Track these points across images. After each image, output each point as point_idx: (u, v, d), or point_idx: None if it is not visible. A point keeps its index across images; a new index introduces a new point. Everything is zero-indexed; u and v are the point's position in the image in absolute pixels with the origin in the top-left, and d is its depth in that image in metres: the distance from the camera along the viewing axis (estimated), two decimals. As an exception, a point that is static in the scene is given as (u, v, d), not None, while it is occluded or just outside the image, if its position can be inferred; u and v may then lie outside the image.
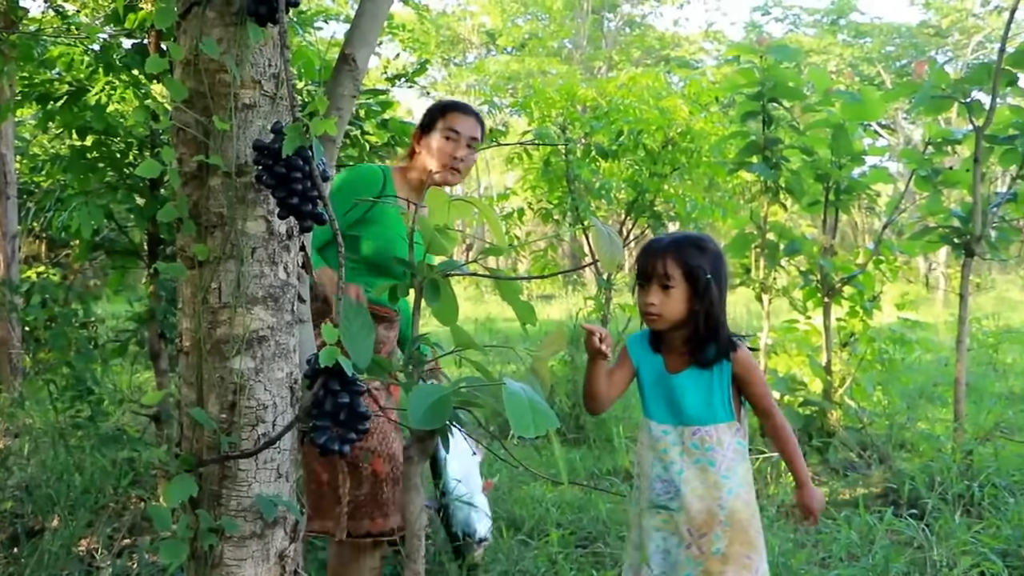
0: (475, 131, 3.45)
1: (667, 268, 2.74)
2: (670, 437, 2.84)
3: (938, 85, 5.12)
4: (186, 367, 2.15)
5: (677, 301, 2.74)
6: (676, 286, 2.74)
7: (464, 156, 3.40)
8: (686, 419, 2.81)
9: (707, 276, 2.72)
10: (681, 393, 2.82)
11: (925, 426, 6.14)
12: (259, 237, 2.08)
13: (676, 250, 2.76)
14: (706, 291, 2.72)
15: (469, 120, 3.45)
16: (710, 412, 2.80)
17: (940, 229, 5.55)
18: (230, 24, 2.04)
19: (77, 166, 4.57)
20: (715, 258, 2.78)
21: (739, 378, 2.82)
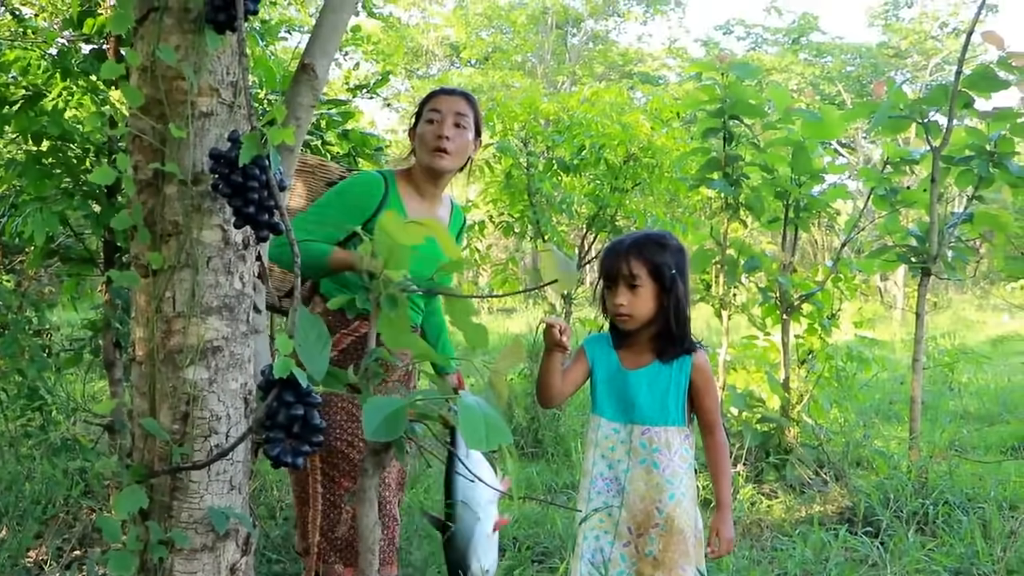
0: (460, 106, 3.20)
1: (632, 267, 2.76)
2: (619, 435, 2.84)
3: (896, 105, 5.18)
4: (139, 376, 2.12)
5: (645, 299, 2.77)
6: (643, 284, 2.76)
7: (451, 134, 3.15)
8: (637, 417, 2.82)
9: (672, 272, 2.75)
10: (636, 390, 2.82)
11: (881, 444, 6.19)
12: (215, 246, 2.06)
13: (639, 249, 2.78)
14: (672, 286, 2.76)
15: (451, 98, 3.22)
16: (662, 413, 2.80)
17: (898, 248, 5.60)
18: (188, 31, 2.02)
19: (32, 172, 4.51)
20: (677, 253, 2.81)
21: (695, 385, 2.83)
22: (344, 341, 3.12)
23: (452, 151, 3.15)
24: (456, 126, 3.16)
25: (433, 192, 3.26)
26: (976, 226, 5.46)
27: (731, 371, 6.21)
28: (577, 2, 29.46)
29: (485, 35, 29.32)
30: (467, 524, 2.97)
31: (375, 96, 5.96)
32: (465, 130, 3.18)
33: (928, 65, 27.02)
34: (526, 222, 7.64)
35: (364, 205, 3.11)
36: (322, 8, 2.33)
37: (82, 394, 6.54)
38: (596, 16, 30.44)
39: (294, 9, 11.74)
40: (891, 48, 28.28)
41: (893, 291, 20.79)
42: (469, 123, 3.20)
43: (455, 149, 3.16)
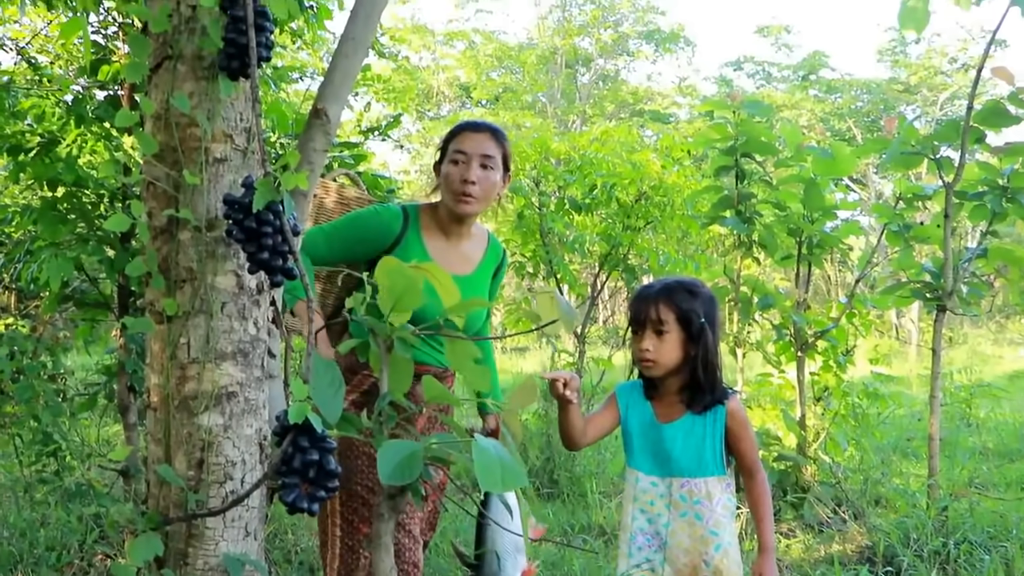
0: (486, 147, 3.06)
1: (660, 313, 2.71)
2: (658, 489, 2.78)
3: (908, 141, 5.17)
4: (154, 423, 2.12)
5: (672, 346, 2.72)
6: (670, 331, 2.71)
7: (477, 178, 3.02)
8: (675, 470, 2.76)
9: (701, 320, 2.70)
10: (671, 443, 2.76)
11: (900, 482, 6.13)
12: (229, 292, 2.06)
13: (668, 295, 2.73)
14: (700, 335, 2.70)
15: (477, 136, 3.08)
16: (700, 465, 2.74)
17: (912, 284, 5.58)
18: (201, 78, 2.04)
19: (47, 217, 4.53)
20: (708, 302, 2.75)
21: (731, 432, 2.78)
22: (366, 383, 3.09)
23: (478, 195, 3.05)
24: (483, 167, 3.05)
25: (458, 231, 3.16)
26: (991, 261, 5.44)
27: (747, 409, 6.18)
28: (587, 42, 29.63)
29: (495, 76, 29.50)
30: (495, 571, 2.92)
31: (387, 138, 5.98)
32: (492, 171, 3.07)
33: (938, 100, 27.05)
34: (539, 261, 7.65)
35: (377, 238, 3.06)
36: (334, 53, 2.34)
37: (96, 439, 6.53)
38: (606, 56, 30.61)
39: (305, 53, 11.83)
40: (901, 84, 28.34)
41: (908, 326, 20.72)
42: (497, 163, 3.09)
43: (481, 193, 3.05)
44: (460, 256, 3.18)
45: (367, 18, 2.36)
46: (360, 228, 3.07)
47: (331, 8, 5.58)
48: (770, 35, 31.68)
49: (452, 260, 3.13)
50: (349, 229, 3.07)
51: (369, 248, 3.04)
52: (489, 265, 3.28)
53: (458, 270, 3.12)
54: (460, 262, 3.16)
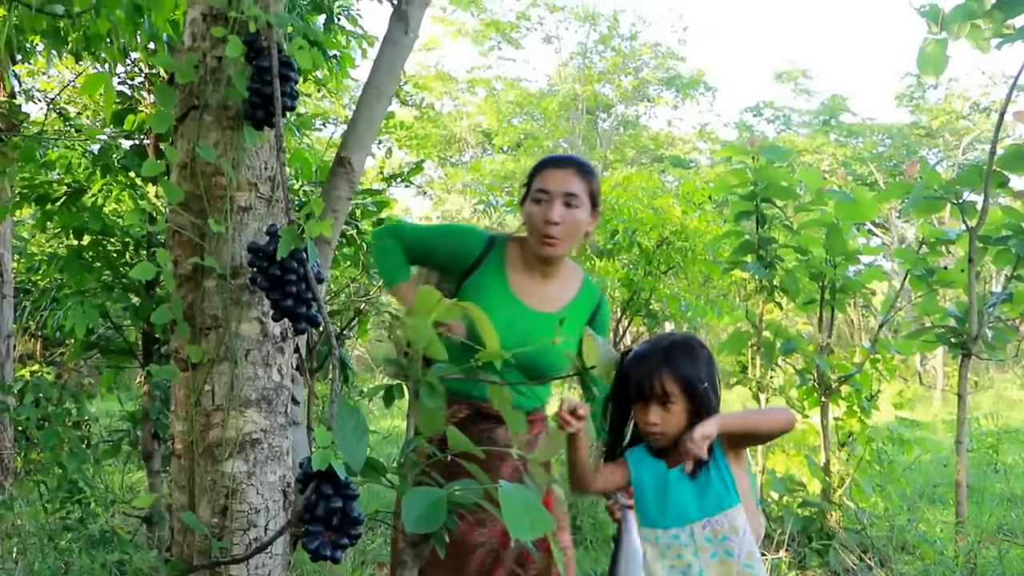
0: (570, 184, 2.89)
1: (665, 385, 2.59)
2: (680, 540, 2.63)
3: (930, 186, 5.17)
4: (178, 470, 2.13)
5: (678, 416, 2.60)
6: (676, 402, 2.59)
7: (560, 217, 2.87)
8: (692, 514, 2.62)
9: (704, 386, 2.59)
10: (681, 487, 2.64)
11: (926, 528, 6.07)
12: (253, 339, 2.08)
13: (670, 364, 2.60)
14: (705, 401, 2.59)
15: (560, 173, 2.92)
16: (715, 500, 2.60)
17: (937, 328, 5.55)
18: (227, 128, 2.06)
19: (73, 266, 4.58)
20: (708, 363, 2.65)
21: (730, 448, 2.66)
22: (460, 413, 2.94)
23: (561, 235, 2.90)
24: (567, 206, 2.88)
25: (544, 269, 3.02)
26: (1016, 305, 5.41)
27: (770, 454, 6.14)
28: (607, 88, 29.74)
29: (516, 122, 29.62)
30: None
31: (409, 184, 6.02)
32: (577, 209, 2.90)
33: (960, 144, 27.00)
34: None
35: (459, 255, 2.98)
36: (358, 102, 2.37)
37: (120, 485, 6.54)
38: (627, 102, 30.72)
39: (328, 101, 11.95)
40: (922, 128, 28.32)
41: (933, 371, 20.57)
42: (581, 200, 2.91)
43: (565, 233, 2.90)
44: (544, 294, 3.03)
45: (390, 67, 2.40)
46: (446, 236, 3.03)
47: (354, 57, 5.65)
48: (788, 80, 31.72)
49: (534, 296, 3.01)
50: (437, 233, 3.05)
51: (451, 261, 2.98)
52: (581, 308, 3.10)
53: (542, 307, 2.99)
54: (543, 299, 3.02)
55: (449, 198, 26.25)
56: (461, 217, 24.60)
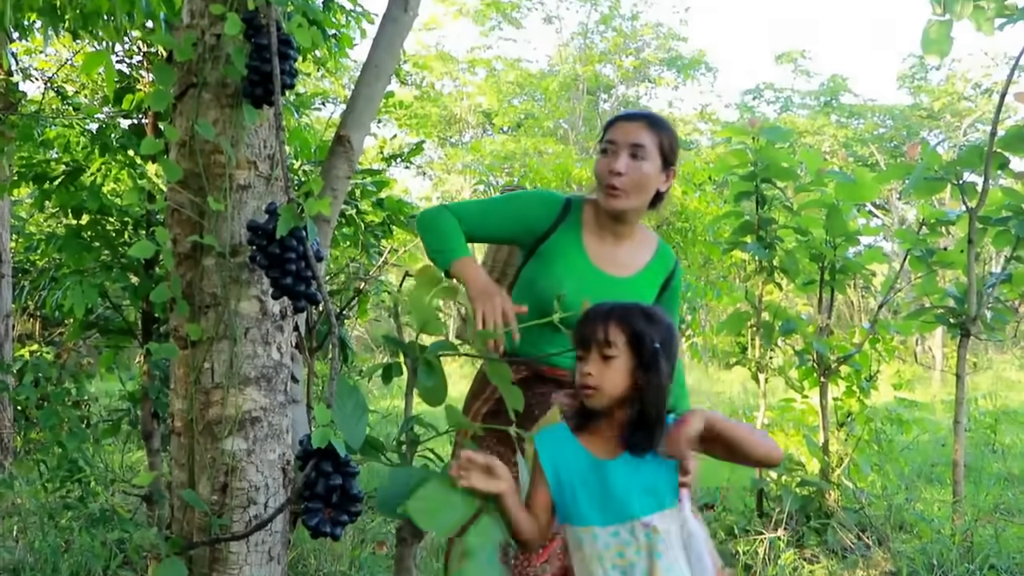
0: (637, 136, 2.76)
1: (608, 333, 2.23)
2: (621, 538, 2.24)
3: (931, 167, 5.16)
4: (178, 448, 2.13)
5: (618, 373, 2.21)
6: (618, 355, 2.22)
7: (625, 168, 2.74)
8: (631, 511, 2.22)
9: (656, 345, 2.22)
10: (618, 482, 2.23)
11: (924, 507, 6.08)
12: (252, 317, 2.08)
13: (621, 315, 2.26)
14: (653, 363, 2.21)
15: (628, 125, 2.81)
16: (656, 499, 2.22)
17: (936, 309, 5.55)
18: (226, 106, 2.06)
19: (72, 245, 4.57)
20: (666, 330, 2.29)
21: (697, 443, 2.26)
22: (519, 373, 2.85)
23: (626, 187, 2.76)
24: (633, 157, 2.75)
25: (617, 230, 2.89)
26: (1015, 286, 5.41)
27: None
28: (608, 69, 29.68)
29: (517, 102, 29.56)
30: None
31: (409, 165, 6.01)
32: (643, 161, 2.76)
33: (961, 126, 26.96)
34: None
35: (533, 222, 2.88)
36: (357, 81, 2.36)
37: (120, 465, 6.56)
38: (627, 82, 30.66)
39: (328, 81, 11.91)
40: (924, 109, 28.26)
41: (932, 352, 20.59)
42: (649, 152, 2.77)
43: (630, 185, 2.76)
44: (618, 258, 2.92)
45: (389, 46, 2.39)
46: (519, 205, 2.93)
47: (353, 36, 5.63)
48: (788, 61, 31.64)
49: (608, 260, 2.90)
50: (508, 205, 2.93)
51: (523, 229, 2.89)
52: (655, 273, 2.97)
53: (615, 271, 2.89)
54: (617, 264, 2.91)
55: (449, 178, 26.22)
56: (461, 197, 24.58)
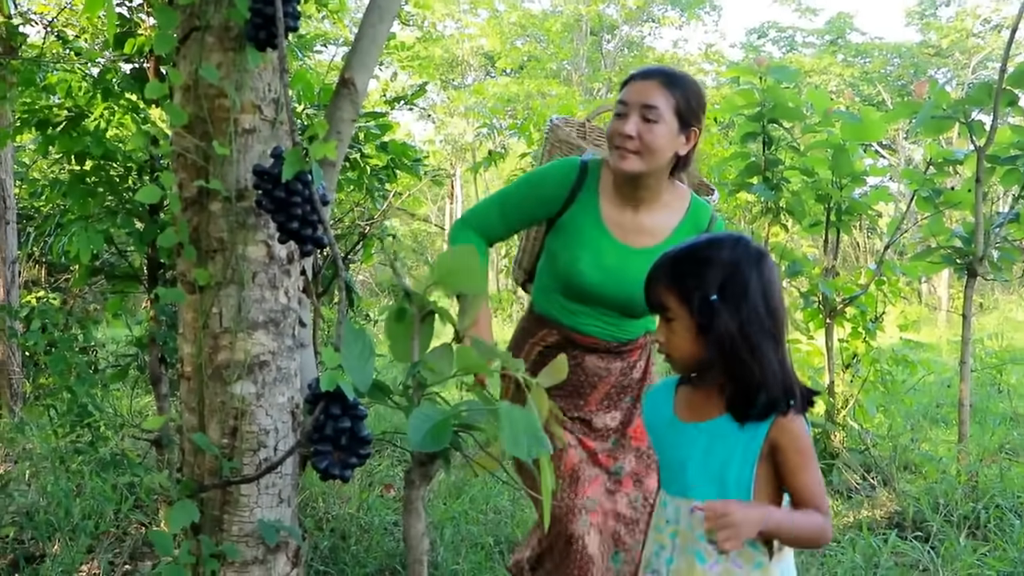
0: (650, 96, 2.59)
1: (660, 297, 2.04)
2: (667, 511, 2.11)
3: (939, 105, 5.12)
4: (187, 392, 2.14)
5: (682, 337, 2.00)
6: (676, 317, 2.01)
7: (637, 130, 2.58)
8: (687, 488, 2.05)
9: (711, 298, 1.95)
10: (688, 449, 2.05)
11: (929, 448, 6.12)
12: (260, 262, 2.07)
13: (668, 272, 2.04)
14: (713, 319, 1.95)
15: (640, 85, 2.64)
16: (719, 486, 2.00)
17: (943, 249, 5.54)
18: (229, 49, 2.04)
19: (76, 191, 4.56)
20: (728, 268, 1.97)
21: (780, 457, 1.99)
22: (533, 351, 2.90)
23: (637, 150, 2.60)
24: (644, 120, 2.59)
25: (636, 195, 2.72)
26: (1022, 226, 5.39)
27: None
28: (612, 9, 29.41)
29: (520, 44, 29.33)
30: None
31: (413, 107, 5.97)
32: (655, 124, 2.59)
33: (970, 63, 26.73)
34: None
35: (549, 201, 2.78)
36: (361, 22, 2.34)
37: (129, 409, 6.60)
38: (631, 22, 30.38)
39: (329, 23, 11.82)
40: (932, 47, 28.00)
41: (938, 292, 20.59)
42: (662, 114, 2.59)
43: (642, 148, 2.59)
44: (640, 226, 2.75)
45: (393, -14, 2.36)
46: (531, 189, 2.81)
47: (356, -22, 5.57)
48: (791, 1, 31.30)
49: (629, 230, 2.74)
50: (522, 192, 2.83)
51: (542, 210, 2.79)
52: (684, 234, 2.72)
53: (637, 242, 2.73)
54: (639, 233, 2.74)
55: (452, 121, 26.09)
56: (464, 141, 24.50)
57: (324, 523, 4.36)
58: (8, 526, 4.09)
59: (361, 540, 4.17)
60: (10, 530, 4.05)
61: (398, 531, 4.27)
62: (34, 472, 4.83)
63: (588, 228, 2.73)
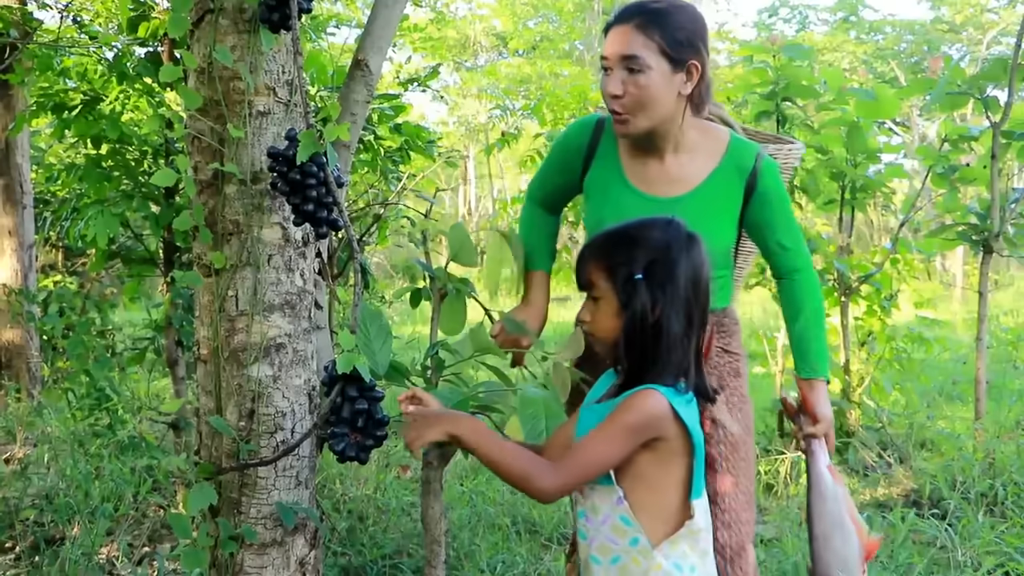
0: (628, 45, 2.31)
1: (588, 272, 1.97)
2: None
3: (954, 81, 5.09)
4: (204, 375, 2.15)
5: (605, 315, 1.93)
6: (603, 295, 1.93)
7: (623, 88, 2.33)
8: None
9: (636, 276, 1.88)
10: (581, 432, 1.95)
11: (945, 425, 6.10)
12: (275, 244, 2.08)
13: (598, 248, 1.98)
14: (632, 296, 1.88)
15: (615, 34, 2.36)
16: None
17: (958, 226, 5.52)
18: (243, 32, 2.05)
19: (92, 175, 4.58)
20: (657, 250, 1.91)
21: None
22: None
23: (630, 108, 2.35)
24: (629, 72, 2.32)
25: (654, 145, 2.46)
26: (1039, 201, 5.37)
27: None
28: (624, -12, 29.32)
29: (532, 24, 29.23)
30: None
31: (426, 89, 5.96)
32: (640, 74, 2.31)
33: (984, 39, 26.54)
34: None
35: (572, 162, 2.60)
36: (374, 5, 2.34)
37: (146, 392, 6.63)
38: (643, 1, 30.26)
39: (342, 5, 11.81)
40: (945, 23, 27.82)
41: (953, 269, 20.51)
42: (647, 61, 2.30)
43: (634, 105, 2.34)
44: (667, 174, 2.48)
45: (406, -33, 2.36)
46: (555, 153, 2.68)
47: (367, -42, 5.56)
48: (803, -22, 31.13)
49: (655, 180, 2.49)
50: (549, 158, 2.70)
51: (573, 172, 2.60)
52: (725, 180, 2.48)
53: (663, 191, 2.47)
54: (667, 182, 2.48)
55: (465, 103, 26.04)
56: (477, 122, 24.47)
57: (341, 505, 4.37)
58: (28, 509, 4.12)
59: (379, 521, 4.19)
60: (30, 513, 4.07)
61: (415, 512, 4.29)
62: (53, 455, 4.85)
63: (612, 185, 2.52)
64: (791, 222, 2.56)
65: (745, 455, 2.51)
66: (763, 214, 2.50)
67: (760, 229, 2.54)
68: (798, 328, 2.54)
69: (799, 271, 2.54)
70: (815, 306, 2.55)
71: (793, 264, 2.53)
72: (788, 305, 2.58)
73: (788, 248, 2.51)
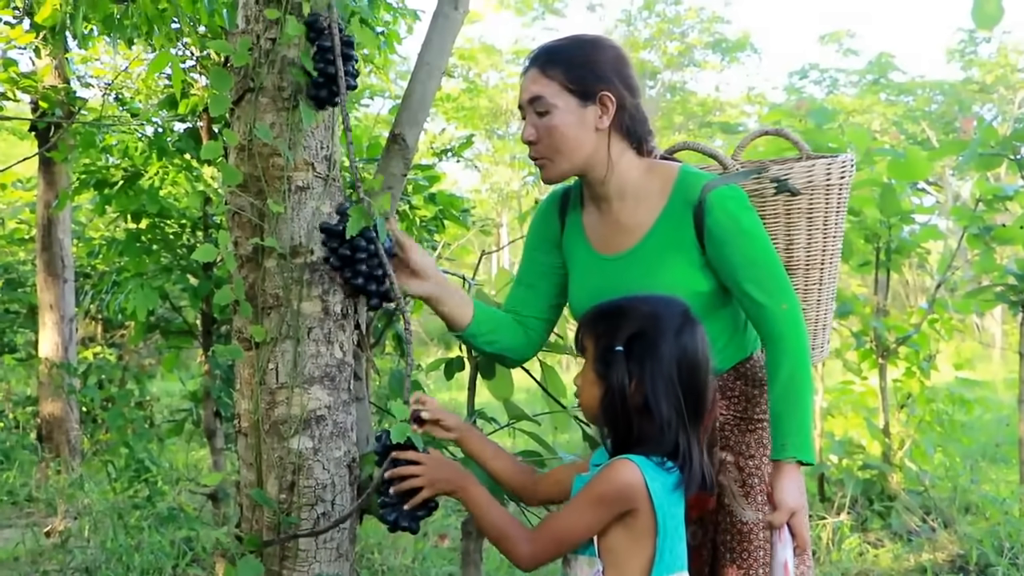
0: (530, 89, 2.19)
1: (582, 338, 1.93)
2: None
3: (987, 142, 5.09)
4: (245, 448, 2.16)
5: (589, 382, 1.89)
6: (589, 363, 1.91)
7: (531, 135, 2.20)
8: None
9: (616, 348, 1.84)
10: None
11: (990, 488, 6.02)
12: (315, 317, 2.10)
13: (590, 318, 1.95)
14: (609, 367, 1.84)
15: (522, 81, 2.25)
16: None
17: (996, 287, 5.49)
18: (282, 109, 2.09)
19: (132, 249, 4.65)
20: (643, 321, 1.86)
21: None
22: None
23: (546, 152, 2.20)
24: (539, 115, 2.18)
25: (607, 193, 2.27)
26: (1076, 261, 5.33)
27: (828, 417, 6.11)
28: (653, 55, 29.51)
29: (563, 92, 29.45)
30: None
31: (460, 158, 6.02)
32: (547, 116, 2.17)
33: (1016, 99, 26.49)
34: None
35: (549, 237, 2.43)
36: (410, 79, 2.38)
37: (184, 463, 6.66)
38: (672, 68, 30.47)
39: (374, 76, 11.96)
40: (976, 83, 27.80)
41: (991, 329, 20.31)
42: (552, 101, 2.16)
43: (549, 150, 2.19)
44: (618, 229, 2.29)
45: (440, 44, 2.40)
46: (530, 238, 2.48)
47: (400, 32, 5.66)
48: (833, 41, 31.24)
49: (610, 235, 2.30)
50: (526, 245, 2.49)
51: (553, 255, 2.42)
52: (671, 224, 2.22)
53: (614, 245, 2.28)
54: (617, 237, 2.29)
55: (497, 170, 26.22)
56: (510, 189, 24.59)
57: (380, 575, 4.36)
58: (69, 582, 4.14)
59: (418, 591, 4.18)
60: (71, 586, 4.09)
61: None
62: (94, 528, 4.87)
63: (577, 250, 2.35)
64: (756, 263, 2.18)
65: (762, 543, 2.25)
66: (718, 253, 2.18)
67: (722, 273, 2.21)
68: (772, 399, 2.19)
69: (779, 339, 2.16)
70: (791, 372, 2.15)
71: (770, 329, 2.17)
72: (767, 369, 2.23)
73: (761, 305, 2.15)
